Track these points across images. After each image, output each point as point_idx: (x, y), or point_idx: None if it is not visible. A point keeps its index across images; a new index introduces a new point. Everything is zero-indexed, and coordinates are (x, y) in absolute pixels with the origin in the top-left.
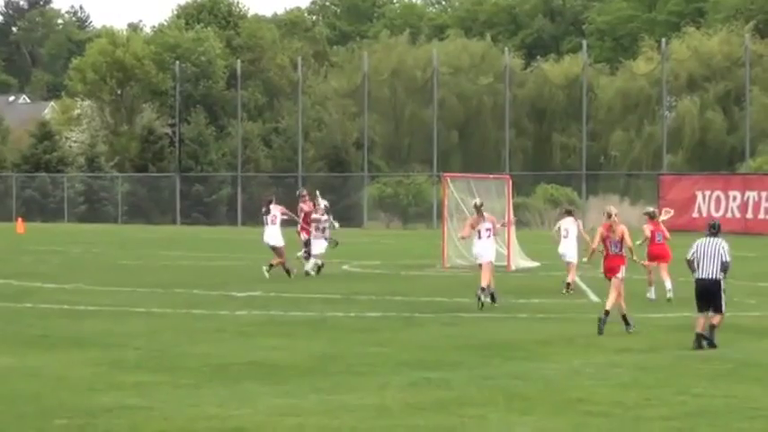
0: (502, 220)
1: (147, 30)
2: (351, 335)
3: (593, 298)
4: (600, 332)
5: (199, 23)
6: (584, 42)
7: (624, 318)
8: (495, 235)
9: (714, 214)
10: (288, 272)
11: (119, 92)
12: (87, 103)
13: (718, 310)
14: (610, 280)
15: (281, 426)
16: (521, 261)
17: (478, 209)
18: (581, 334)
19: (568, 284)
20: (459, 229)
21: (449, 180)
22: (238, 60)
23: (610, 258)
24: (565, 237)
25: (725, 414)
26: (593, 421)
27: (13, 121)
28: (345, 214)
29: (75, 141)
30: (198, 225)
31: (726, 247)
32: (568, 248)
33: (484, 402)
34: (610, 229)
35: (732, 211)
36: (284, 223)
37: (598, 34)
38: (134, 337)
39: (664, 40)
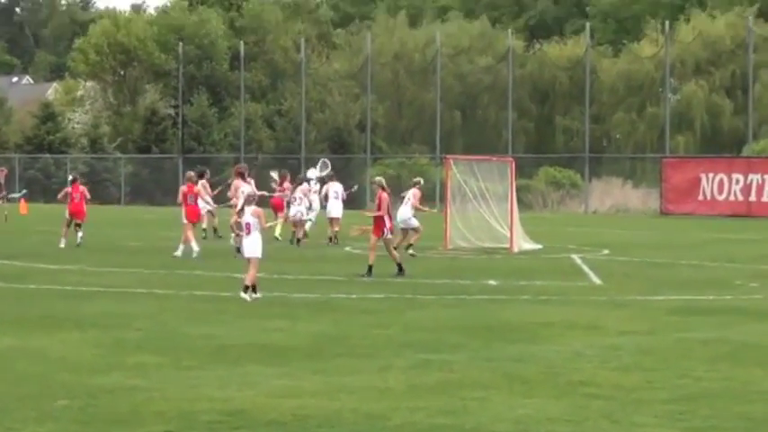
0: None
1: (151, 11)
2: (353, 317)
3: (596, 280)
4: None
5: (202, 5)
6: (588, 24)
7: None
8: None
9: (717, 197)
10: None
11: (122, 73)
12: (90, 84)
13: None
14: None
15: (282, 407)
16: (523, 243)
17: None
18: (583, 316)
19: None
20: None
21: (452, 162)
22: (241, 42)
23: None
24: (335, 198)
25: (725, 397)
26: (594, 404)
27: (16, 101)
28: (348, 196)
29: (77, 122)
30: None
31: None
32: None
33: (486, 385)
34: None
35: (735, 194)
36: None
37: (601, 16)
38: (136, 318)
39: (667, 22)
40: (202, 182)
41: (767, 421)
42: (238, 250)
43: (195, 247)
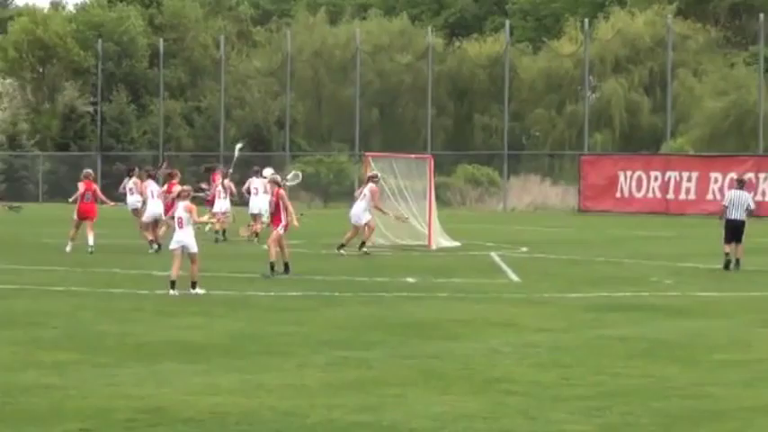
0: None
1: (71, 8)
2: (270, 314)
3: (514, 278)
4: None
5: (121, 2)
6: (507, 22)
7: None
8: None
9: (635, 194)
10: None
11: (40, 70)
12: (9, 81)
13: (740, 241)
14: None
15: (199, 405)
16: (442, 240)
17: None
18: (500, 314)
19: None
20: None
21: (370, 159)
22: (161, 39)
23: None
24: (255, 195)
25: (641, 393)
26: (511, 400)
27: None
28: None
29: None
30: (119, 203)
31: (750, 197)
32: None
33: (403, 382)
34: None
35: (653, 191)
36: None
37: (521, 14)
38: (53, 316)
39: (587, 20)
40: (134, 179)
41: (683, 417)
42: (159, 246)
43: (69, 247)
